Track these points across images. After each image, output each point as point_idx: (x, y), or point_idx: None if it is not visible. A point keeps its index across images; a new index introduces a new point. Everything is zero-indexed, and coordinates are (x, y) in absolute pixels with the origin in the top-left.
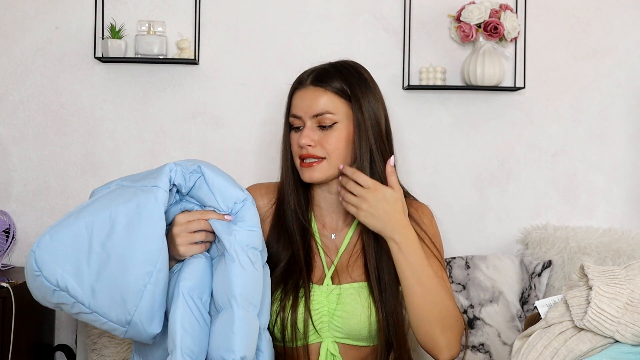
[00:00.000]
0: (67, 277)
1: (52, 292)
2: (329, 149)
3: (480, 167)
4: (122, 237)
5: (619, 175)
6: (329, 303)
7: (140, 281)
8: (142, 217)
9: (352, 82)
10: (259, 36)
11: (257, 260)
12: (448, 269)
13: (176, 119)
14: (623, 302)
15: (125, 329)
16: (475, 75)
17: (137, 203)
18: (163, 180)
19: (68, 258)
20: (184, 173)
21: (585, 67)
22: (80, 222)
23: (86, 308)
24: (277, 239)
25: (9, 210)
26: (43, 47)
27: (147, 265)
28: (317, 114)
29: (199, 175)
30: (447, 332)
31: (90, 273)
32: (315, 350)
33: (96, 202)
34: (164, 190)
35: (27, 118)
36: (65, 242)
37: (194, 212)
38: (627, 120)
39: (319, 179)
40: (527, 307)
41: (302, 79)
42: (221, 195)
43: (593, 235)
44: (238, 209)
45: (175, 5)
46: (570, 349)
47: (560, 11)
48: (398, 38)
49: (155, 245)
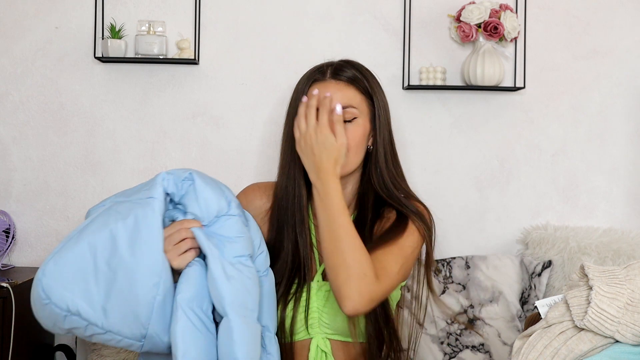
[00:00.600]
0: (77, 300)
1: (64, 318)
2: (350, 143)
3: (480, 167)
4: (126, 253)
5: (619, 175)
6: (318, 299)
7: (149, 294)
8: (142, 230)
9: (369, 79)
10: (259, 36)
11: (247, 265)
12: (448, 269)
13: (176, 119)
14: (623, 302)
15: (141, 343)
16: (475, 75)
17: (135, 217)
18: (157, 191)
19: (75, 281)
20: (176, 181)
21: (585, 67)
22: (82, 243)
23: (99, 329)
24: (274, 236)
25: (9, 210)
26: (43, 47)
27: (154, 277)
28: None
29: (191, 182)
30: (350, 282)
31: (99, 293)
32: (305, 346)
33: (94, 222)
34: (159, 200)
35: (27, 118)
36: (70, 266)
37: (175, 224)
38: (627, 120)
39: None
40: (527, 307)
41: (320, 74)
42: (206, 204)
43: (593, 235)
44: (222, 222)
45: (175, 5)
46: (570, 349)
47: (560, 11)
48: (398, 38)
49: (157, 256)
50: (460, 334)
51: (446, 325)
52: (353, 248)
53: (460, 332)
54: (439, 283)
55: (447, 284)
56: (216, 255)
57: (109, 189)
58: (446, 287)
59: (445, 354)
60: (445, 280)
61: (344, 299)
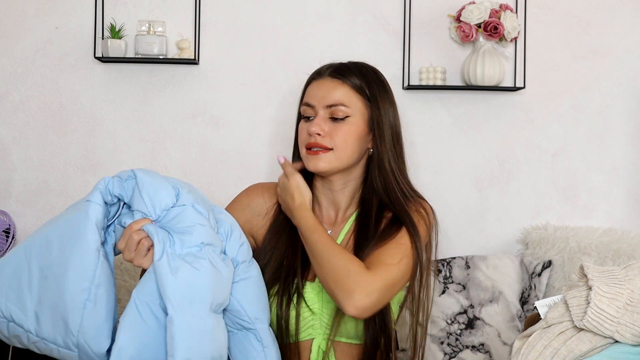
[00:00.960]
0: (10, 305)
1: (6, 325)
2: (338, 141)
3: (480, 167)
4: (57, 257)
5: (619, 175)
6: (319, 300)
7: (77, 298)
8: (74, 233)
9: (370, 82)
10: (259, 36)
11: (203, 256)
12: (448, 269)
13: (176, 119)
14: (623, 302)
15: (75, 353)
16: (475, 75)
17: (69, 220)
18: (94, 195)
19: (11, 287)
20: (120, 182)
21: (585, 67)
22: (19, 249)
23: (34, 336)
24: (274, 235)
25: (9, 210)
26: (43, 47)
27: (83, 282)
28: (331, 105)
29: (134, 180)
30: (339, 284)
31: (32, 298)
32: (307, 347)
33: (38, 229)
34: (95, 204)
35: (27, 118)
36: (7, 272)
37: (125, 231)
38: (627, 120)
39: (324, 168)
40: (527, 307)
41: (321, 71)
42: (150, 200)
43: (593, 235)
44: (173, 214)
45: (175, 5)
46: (570, 349)
47: (560, 11)
48: (398, 38)
49: (89, 259)
50: (460, 334)
51: (446, 325)
52: (332, 254)
53: (460, 332)
54: (439, 283)
55: (447, 284)
56: (160, 250)
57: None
58: (446, 287)
59: (445, 354)
60: (445, 280)
61: (342, 302)
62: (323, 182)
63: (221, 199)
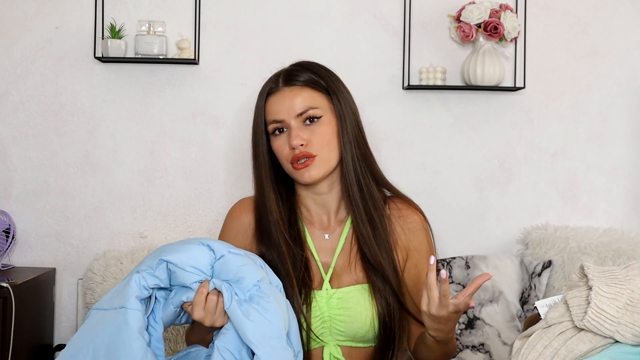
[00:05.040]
0: None
1: None
2: (320, 144)
3: (480, 167)
4: None
5: (619, 175)
6: (329, 308)
7: None
8: (118, 343)
9: (323, 75)
10: (259, 36)
11: (262, 293)
12: (448, 269)
13: (176, 119)
14: (623, 303)
15: None
16: (475, 75)
17: (111, 331)
18: (130, 301)
19: None
20: (152, 273)
21: (585, 67)
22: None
23: None
24: (267, 252)
25: (9, 210)
26: (43, 47)
27: None
28: (301, 112)
29: (166, 262)
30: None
31: None
32: (318, 354)
33: (78, 337)
34: (132, 310)
35: (27, 118)
36: None
37: (195, 297)
38: (627, 120)
39: (318, 175)
40: (527, 307)
41: (273, 85)
42: (196, 268)
43: (593, 235)
44: (219, 269)
45: (175, 5)
46: (570, 349)
47: (560, 11)
48: (398, 38)
49: None
50: (460, 334)
51: None
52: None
53: (460, 332)
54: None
55: None
56: (228, 297)
57: (109, 189)
58: None
59: None
60: None
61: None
62: (307, 188)
63: (221, 199)
